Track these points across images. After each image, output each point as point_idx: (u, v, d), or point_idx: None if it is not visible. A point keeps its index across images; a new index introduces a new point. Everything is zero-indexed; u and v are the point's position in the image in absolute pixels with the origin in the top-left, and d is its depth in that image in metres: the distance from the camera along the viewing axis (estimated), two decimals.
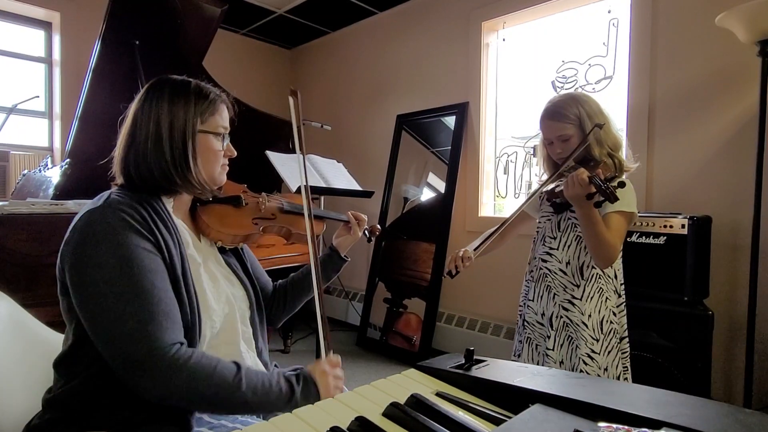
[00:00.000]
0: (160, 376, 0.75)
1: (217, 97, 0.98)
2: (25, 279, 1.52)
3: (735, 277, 2.03)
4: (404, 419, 0.54)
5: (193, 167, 0.92)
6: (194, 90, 0.95)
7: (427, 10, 3.31)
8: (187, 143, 0.92)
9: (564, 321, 1.37)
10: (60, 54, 3.13)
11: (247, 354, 1.00)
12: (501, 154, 3.04)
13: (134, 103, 0.95)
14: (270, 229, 1.15)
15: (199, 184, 0.94)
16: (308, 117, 3.79)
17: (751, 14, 1.72)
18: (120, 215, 0.81)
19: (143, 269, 0.79)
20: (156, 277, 0.80)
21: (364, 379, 2.67)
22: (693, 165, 2.16)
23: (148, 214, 0.86)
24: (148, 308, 0.77)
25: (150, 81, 0.97)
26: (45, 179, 2.11)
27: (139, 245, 0.80)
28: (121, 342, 0.75)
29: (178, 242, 0.89)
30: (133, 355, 0.75)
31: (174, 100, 0.92)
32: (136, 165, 0.90)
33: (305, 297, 1.25)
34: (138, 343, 0.75)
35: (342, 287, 3.80)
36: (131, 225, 0.81)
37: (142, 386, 0.75)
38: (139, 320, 0.76)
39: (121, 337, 0.75)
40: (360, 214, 1.30)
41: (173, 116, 0.91)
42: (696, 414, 0.49)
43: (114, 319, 0.76)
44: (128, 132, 0.93)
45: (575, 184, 1.18)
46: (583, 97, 1.37)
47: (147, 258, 0.80)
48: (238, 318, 0.99)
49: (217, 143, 0.97)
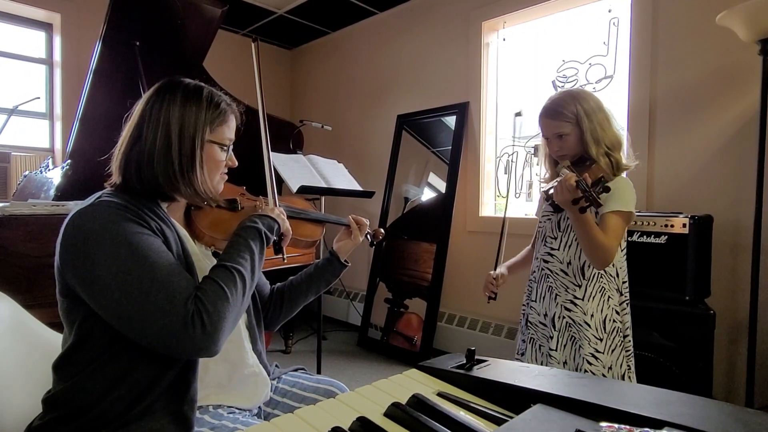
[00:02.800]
0: (204, 328, 0.75)
1: (228, 107, 0.97)
2: (26, 280, 1.52)
3: (736, 276, 2.03)
4: (406, 419, 0.54)
5: (199, 175, 0.91)
6: (207, 97, 0.93)
7: (427, 10, 3.31)
8: (195, 151, 0.90)
9: (566, 321, 1.37)
10: (61, 55, 3.14)
11: (250, 354, 1.00)
12: (501, 153, 3.04)
13: (142, 101, 0.93)
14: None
15: (203, 192, 0.93)
16: (309, 117, 3.80)
17: (752, 13, 1.71)
18: (111, 209, 0.80)
19: (142, 247, 0.78)
20: (155, 247, 0.80)
21: (366, 379, 2.67)
22: (694, 164, 2.16)
23: (145, 213, 0.85)
24: (160, 279, 0.77)
25: (161, 80, 0.95)
26: (46, 180, 2.11)
27: (135, 231, 0.80)
28: (154, 321, 0.75)
29: (179, 237, 0.89)
30: (172, 325, 0.74)
31: (186, 105, 0.90)
32: (138, 166, 0.88)
33: (303, 301, 1.24)
34: (170, 315, 0.75)
35: (343, 287, 3.80)
36: (124, 216, 0.80)
37: (197, 346, 0.75)
38: (159, 288, 0.76)
39: (154, 304, 0.75)
40: (361, 218, 1.28)
41: (184, 121, 0.90)
42: (697, 413, 0.49)
43: (134, 298, 0.75)
44: (133, 131, 0.90)
45: (563, 189, 1.19)
46: (583, 94, 1.36)
47: (145, 238, 0.80)
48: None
49: (221, 154, 0.96)
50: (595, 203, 1.13)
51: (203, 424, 0.88)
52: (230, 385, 0.96)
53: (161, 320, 0.74)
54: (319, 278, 1.24)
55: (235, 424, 0.88)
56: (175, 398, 0.83)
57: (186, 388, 0.84)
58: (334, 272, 1.25)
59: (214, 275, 0.83)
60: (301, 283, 1.23)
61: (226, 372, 0.96)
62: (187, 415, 0.84)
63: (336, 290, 3.90)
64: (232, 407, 0.96)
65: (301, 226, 1.21)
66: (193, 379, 0.85)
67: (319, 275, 1.24)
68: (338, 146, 3.95)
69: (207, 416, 0.90)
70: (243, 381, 0.98)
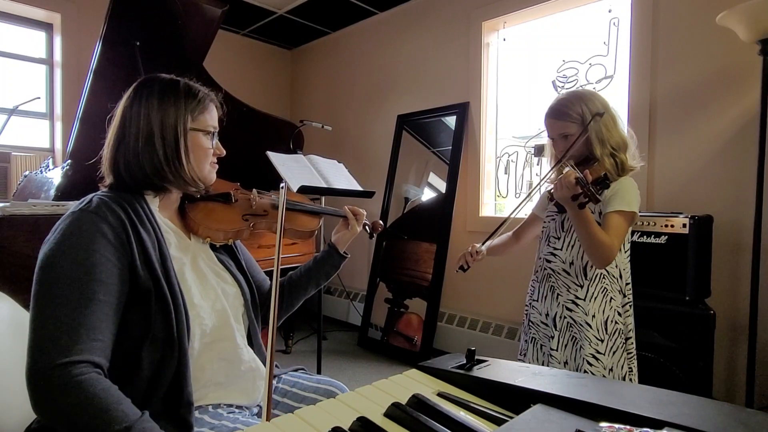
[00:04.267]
0: (49, 392, 0.69)
1: (206, 96, 1.00)
2: (26, 280, 1.51)
3: (736, 276, 2.03)
4: (406, 419, 0.54)
5: (186, 164, 0.94)
6: (183, 89, 0.97)
7: (428, 10, 3.31)
8: (179, 140, 0.93)
9: (568, 321, 1.36)
10: (61, 55, 3.14)
11: (245, 350, 1.00)
12: (502, 153, 3.03)
13: (122, 101, 0.96)
14: (261, 226, 1.14)
15: (191, 180, 0.96)
16: (309, 117, 3.79)
17: (752, 13, 1.71)
18: (96, 224, 0.81)
19: (94, 278, 0.77)
20: (103, 289, 0.77)
21: (366, 379, 2.67)
22: (694, 164, 2.15)
23: (128, 216, 0.86)
24: (76, 317, 0.73)
25: (138, 80, 0.98)
26: (46, 180, 2.11)
27: (103, 254, 0.79)
28: (35, 345, 0.72)
29: (158, 242, 0.89)
30: (37, 363, 0.70)
31: (164, 98, 0.94)
32: (126, 162, 0.91)
33: (303, 296, 1.25)
34: (45, 354, 0.70)
35: (343, 287, 3.80)
36: (104, 233, 0.80)
37: (32, 399, 0.70)
38: (58, 327, 0.72)
39: (36, 340, 0.72)
40: (358, 208, 1.28)
41: (164, 114, 0.93)
42: (698, 414, 0.49)
43: (40, 321, 0.73)
44: (117, 130, 0.93)
45: (563, 186, 1.19)
46: (588, 95, 1.36)
47: (105, 268, 0.78)
48: (231, 315, 0.99)
49: (207, 141, 0.99)
50: (594, 199, 1.13)
51: (203, 424, 0.88)
52: (228, 383, 0.96)
53: (30, 356, 0.71)
54: (319, 271, 1.25)
55: (235, 424, 0.88)
56: (171, 402, 0.84)
57: (180, 392, 0.84)
58: (334, 264, 1.26)
59: (116, 412, 0.70)
60: (300, 277, 1.24)
61: (223, 370, 0.96)
62: (185, 417, 0.84)
63: (336, 290, 3.90)
64: (231, 405, 0.96)
65: (298, 217, 1.22)
66: (185, 384, 0.85)
67: (319, 268, 1.25)
68: (338, 146, 3.95)
69: (206, 416, 0.90)
70: (240, 377, 0.98)
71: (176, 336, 0.83)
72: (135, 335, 0.82)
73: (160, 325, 0.83)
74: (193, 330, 0.88)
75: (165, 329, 0.83)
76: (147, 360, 0.82)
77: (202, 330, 0.92)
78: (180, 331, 0.84)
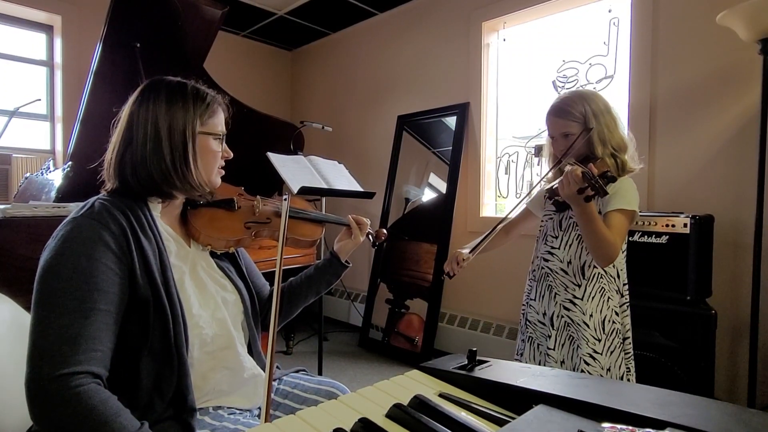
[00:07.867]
0: (48, 403, 0.69)
1: (214, 99, 0.98)
2: (27, 282, 1.52)
3: (738, 275, 2.03)
4: (407, 420, 0.54)
5: (194, 169, 0.92)
6: (192, 92, 0.95)
7: (427, 10, 3.31)
8: (187, 144, 0.91)
9: (565, 321, 1.36)
10: (61, 57, 3.14)
11: (246, 357, 1.00)
12: (502, 154, 3.03)
13: (128, 105, 0.94)
14: (263, 233, 1.11)
15: (198, 185, 0.94)
16: (309, 118, 3.80)
17: (752, 12, 1.71)
18: (97, 231, 0.80)
19: (94, 287, 0.76)
20: (103, 298, 0.76)
21: (367, 380, 2.67)
22: (695, 164, 2.15)
23: (129, 223, 0.84)
24: (76, 326, 0.73)
25: (144, 82, 0.96)
26: (47, 182, 2.11)
27: (104, 262, 0.78)
28: (34, 354, 0.71)
29: (159, 251, 0.88)
30: (36, 374, 0.70)
31: (171, 102, 0.92)
32: (134, 167, 0.89)
33: (303, 303, 1.23)
34: (44, 365, 0.70)
35: (344, 288, 3.80)
36: (105, 241, 0.79)
37: (30, 409, 0.69)
38: (57, 337, 0.71)
39: (36, 350, 0.72)
40: (361, 217, 1.26)
41: (171, 118, 0.91)
42: (700, 414, 0.49)
43: (40, 331, 0.72)
44: (124, 134, 0.91)
45: (570, 181, 1.18)
46: (591, 95, 1.36)
47: (105, 277, 0.77)
48: (230, 322, 0.98)
49: (216, 145, 0.98)
50: (602, 191, 1.13)
51: (204, 425, 0.88)
52: (231, 390, 0.96)
53: (29, 367, 0.71)
54: (320, 279, 1.23)
55: (236, 426, 0.88)
56: (174, 409, 0.84)
57: (183, 401, 0.84)
58: (335, 273, 1.24)
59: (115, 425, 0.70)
60: (300, 284, 1.22)
61: (226, 379, 0.96)
62: (187, 421, 0.84)
63: (337, 291, 3.90)
64: (232, 408, 0.96)
65: (301, 226, 1.20)
66: (187, 393, 0.84)
67: (320, 276, 1.23)
68: (339, 147, 3.95)
69: (207, 417, 0.90)
70: (243, 384, 0.98)
71: (174, 347, 0.83)
72: (133, 346, 0.81)
73: (158, 336, 0.82)
74: (192, 340, 0.88)
75: (163, 340, 0.82)
76: (146, 370, 0.81)
77: (201, 339, 0.91)
78: (178, 342, 0.83)
